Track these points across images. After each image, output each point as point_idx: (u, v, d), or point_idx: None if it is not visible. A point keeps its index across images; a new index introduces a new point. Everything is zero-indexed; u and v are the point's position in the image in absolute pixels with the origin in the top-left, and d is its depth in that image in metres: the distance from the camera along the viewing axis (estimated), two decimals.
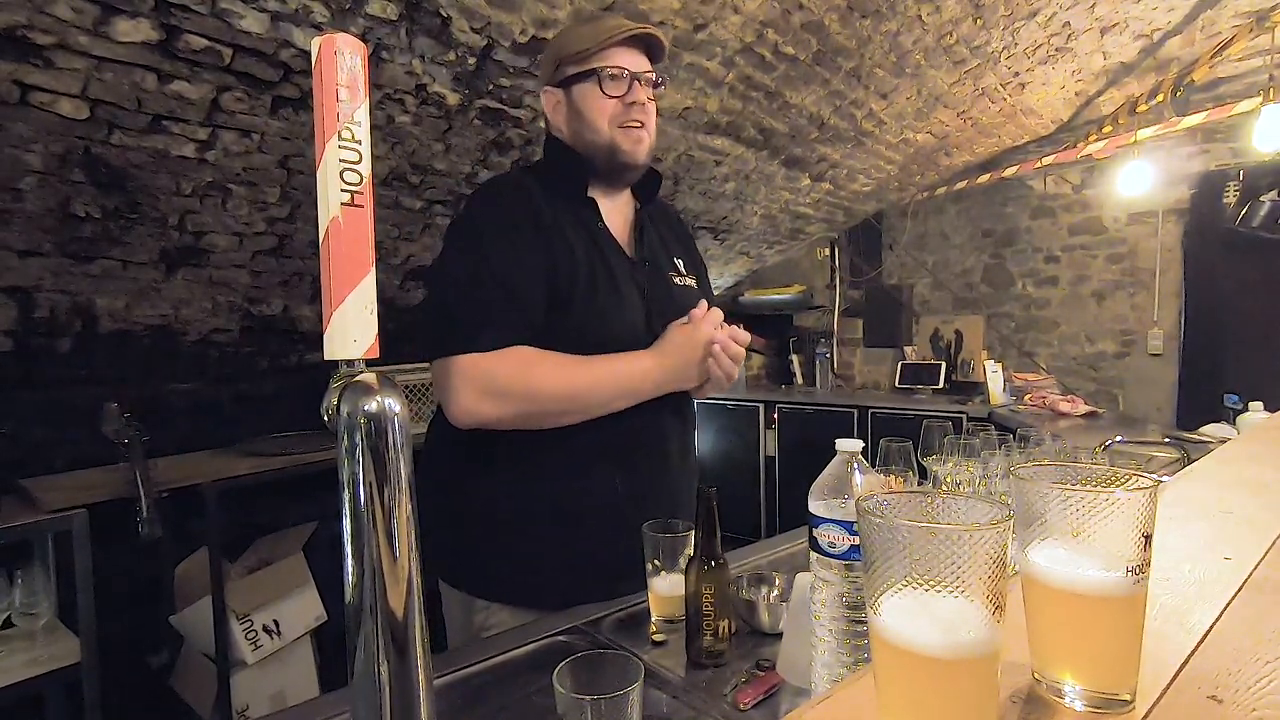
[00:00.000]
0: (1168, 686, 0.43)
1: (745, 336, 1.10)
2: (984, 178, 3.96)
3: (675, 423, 1.17)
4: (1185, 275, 3.56)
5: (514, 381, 0.97)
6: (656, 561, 0.96)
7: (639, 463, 1.10)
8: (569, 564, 1.05)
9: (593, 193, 1.13)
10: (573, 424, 1.03)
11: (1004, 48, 2.63)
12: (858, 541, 0.59)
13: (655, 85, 1.10)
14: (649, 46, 1.10)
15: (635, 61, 1.08)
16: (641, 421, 1.09)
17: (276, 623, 2.16)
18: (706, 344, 1.06)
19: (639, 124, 1.08)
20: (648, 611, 0.97)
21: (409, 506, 0.44)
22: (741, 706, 0.76)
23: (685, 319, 1.08)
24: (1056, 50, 2.74)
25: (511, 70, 1.92)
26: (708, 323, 1.07)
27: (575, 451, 1.05)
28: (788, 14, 2.10)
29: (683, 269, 1.23)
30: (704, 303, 1.11)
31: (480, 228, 1.05)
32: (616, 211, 1.17)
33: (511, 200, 1.07)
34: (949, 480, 1.05)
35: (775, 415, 4.21)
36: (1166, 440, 2.32)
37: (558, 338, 1.02)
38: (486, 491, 1.07)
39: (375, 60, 1.70)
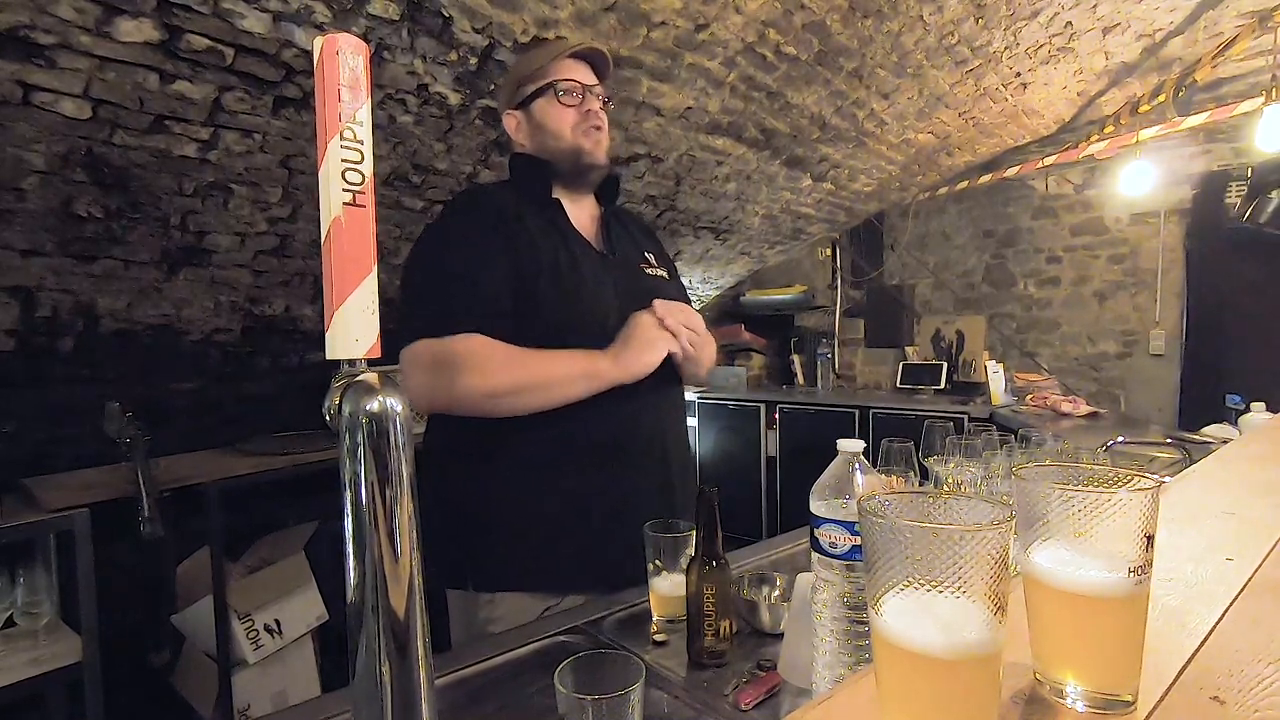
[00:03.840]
0: (1170, 687, 0.43)
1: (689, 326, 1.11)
2: (985, 178, 3.96)
3: (671, 416, 1.21)
4: (1187, 276, 3.56)
5: (461, 366, 0.99)
6: (658, 561, 0.96)
7: (636, 455, 1.13)
8: (570, 547, 1.08)
9: (557, 195, 1.19)
10: (568, 413, 1.05)
11: (1006, 48, 2.63)
12: (859, 542, 0.59)
13: (605, 101, 1.20)
14: (596, 64, 1.20)
15: (585, 75, 1.18)
16: (639, 415, 1.12)
17: (278, 622, 2.16)
18: (650, 320, 1.08)
19: (597, 127, 1.17)
20: (649, 611, 0.97)
21: (410, 506, 0.44)
22: (743, 707, 0.76)
23: (643, 314, 1.10)
24: (1058, 50, 2.74)
25: None
26: (658, 307, 1.10)
27: (574, 444, 1.08)
28: (789, 14, 2.10)
29: (653, 261, 1.27)
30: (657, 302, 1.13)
31: (447, 230, 1.12)
32: (582, 212, 1.23)
33: (475, 204, 1.14)
34: (950, 481, 1.05)
35: (776, 415, 4.20)
36: (1168, 441, 2.32)
37: (527, 329, 1.05)
38: (485, 488, 1.09)
39: (377, 60, 1.70)
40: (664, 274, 1.26)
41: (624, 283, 1.17)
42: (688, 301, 1.33)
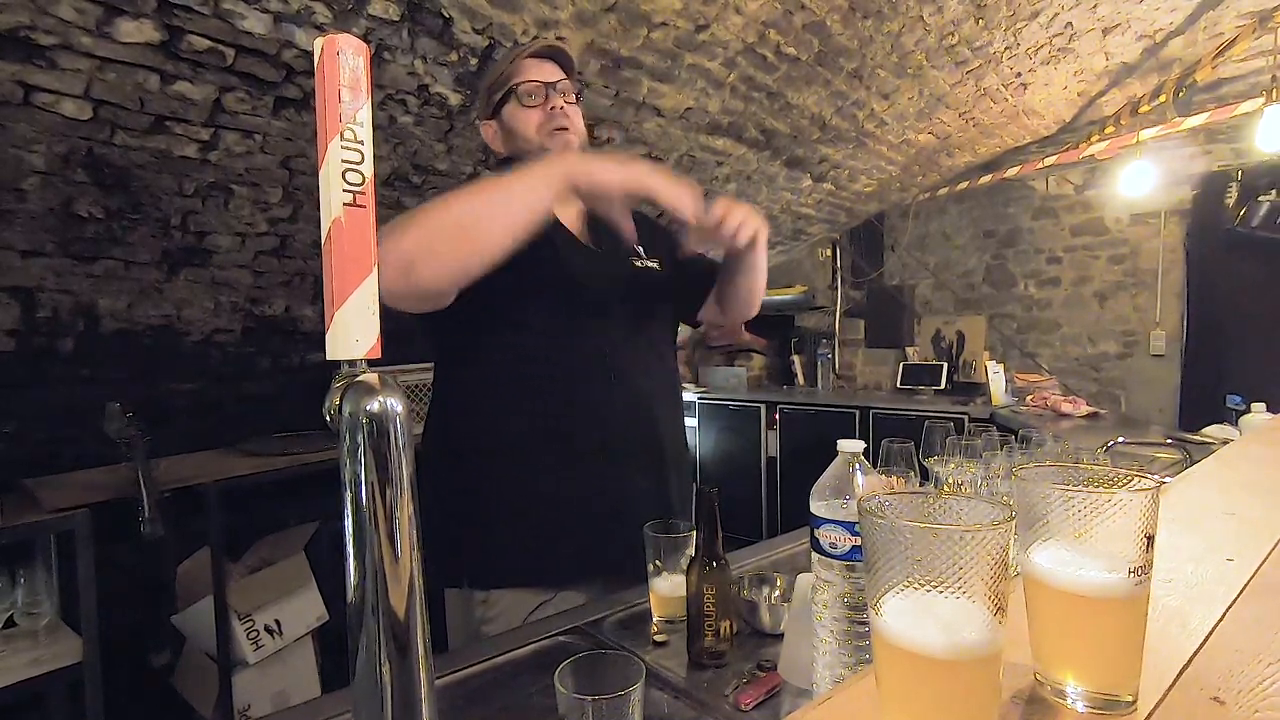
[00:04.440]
0: (1170, 688, 0.43)
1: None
2: (986, 178, 3.96)
3: (665, 411, 1.20)
4: (1188, 276, 3.56)
5: (411, 217, 0.91)
6: (658, 562, 0.96)
7: (630, 450, 1.13)
8: (564, 542, 1.08)
9: None
10: (561, 410, 1.05)
11: (1006, 48, 2.63)
12: (859, 542, 0.59)
13: (577, 95, 1.18)
14: (559, 60, 1.18)
15: (547, 73, 1.16)
16: (633, 410, 1.13)
17: (278, 622, 2.16)
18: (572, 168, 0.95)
19: (564, 128, 1.14)
20: (649, 612, 0.97)
21: (411, 507, 0.44)
22: (743, 707, 0.76)
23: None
24: (1059, 51, 2.74)
25: None
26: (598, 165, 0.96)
27: (567, 440, 1.09)
28: (789, 14, 2.10)
29: (643, 253, 1.26)
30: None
31: None
32: (569, 208, 1.21)
33: None
34: (951, 481, 1.05)
35: (777, 416, 4.20)
36: (1169, 441, 2.32)
37: (517, 326, 1.04)
38: (478, 486, 1.10)
39: (377, 61, 1.70)
40: (654, 265, 1.26)
41: (612, 276, 1.18)
42: (693, 291, 1.33)
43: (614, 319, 1.14)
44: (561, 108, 1.15)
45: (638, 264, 1.23)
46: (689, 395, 4.58)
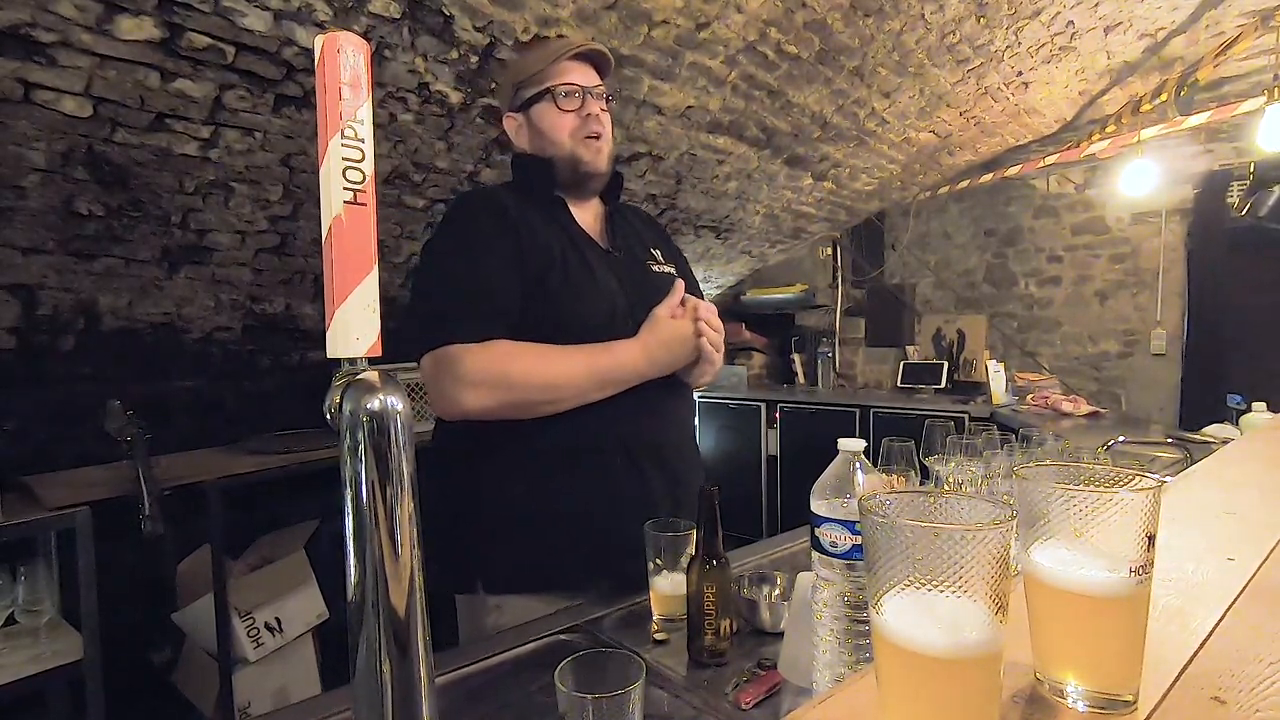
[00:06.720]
0: (1170, 687, 0.43)
1: (716, 325, 1.16)
2: (987, 177, 3.95)
3: (678, 416, 1.20)
4: (1188, 275, 3.56)
5: (496, 370, 0.99)
6: (658, 560, 0.96)
7: (646, 456, 1.12)
8: (579, 551, 1.07)
9: (560, 194, 1.18)
10: (578, 416, 1.05)
11: (1007, 47, 2.62)
12: (859, 541, 0.59)
13: (607, 99, 1.17)
14: (597, 63, 1.17)
15: (585, 77, 1.15)
16: (649, 416, 1.12)
17: (279, 620, 2.16)
18: (694, 329, 1.12)
19: (596, 134, 1.14)
20: (649, 610, 0.97)
21: (411, 505, 0.44)
22: (743, 706, 0.76)
23: (665, 307, 1.12)
24: (1060, 49, 2.73)
25: None
26: (691, 309, 1.13)
27: (582, 446, 1.07)
28: (790, 13, 2.09)
29: (659, 257, 1.26)
30: (680, 283, 1.16)
31: (454, 234, 1.11)
32: (586, 211, 1.22)
33: (482, 206, 1.13)
34: (951, 480, 1.05)
35: (777, 414, 4.21)
36: (1169, 441, 2.32)
37: (537, 326, 1.04)
38: (493, 490, 1.08)
39: (378, 58, 1.70)
40: (671, 270, 1.25)
41: (631, 281, 1.16)
42: (700, 296, 1.33)
43: (632, 323, 1.12)
44: (597, 114, 1.14)
45: (654, 268, 1.22)
46: None
